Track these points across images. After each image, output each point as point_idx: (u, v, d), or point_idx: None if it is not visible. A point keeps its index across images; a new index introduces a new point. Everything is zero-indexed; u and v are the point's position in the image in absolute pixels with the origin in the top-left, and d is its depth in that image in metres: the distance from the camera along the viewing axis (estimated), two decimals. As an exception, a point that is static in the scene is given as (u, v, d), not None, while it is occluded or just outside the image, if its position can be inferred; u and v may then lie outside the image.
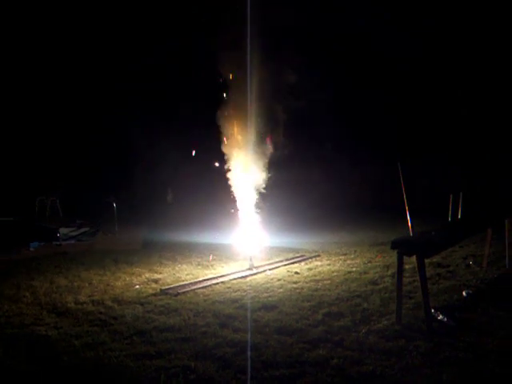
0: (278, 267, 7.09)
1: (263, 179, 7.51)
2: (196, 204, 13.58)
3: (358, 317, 4.50)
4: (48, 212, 11.87)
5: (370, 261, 7.30)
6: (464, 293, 5.14)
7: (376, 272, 6.42)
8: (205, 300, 5.33)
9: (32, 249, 8.99)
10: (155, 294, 5.66)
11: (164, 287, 5.93)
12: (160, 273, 6.90)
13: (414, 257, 4.33)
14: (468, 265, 6.53)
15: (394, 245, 4.40)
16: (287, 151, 7.87)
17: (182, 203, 14.67)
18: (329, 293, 5.44)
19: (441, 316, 4.34)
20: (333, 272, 6.61)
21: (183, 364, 3.55)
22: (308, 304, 4.99)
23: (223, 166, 7.63)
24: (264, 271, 6.81)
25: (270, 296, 5.41)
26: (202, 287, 5.90)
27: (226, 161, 7.52)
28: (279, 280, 6.22)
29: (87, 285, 6.23)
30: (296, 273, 6.65)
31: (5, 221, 9.77)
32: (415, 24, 14.39)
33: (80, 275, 6.80)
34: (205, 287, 5.90)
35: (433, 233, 4.81)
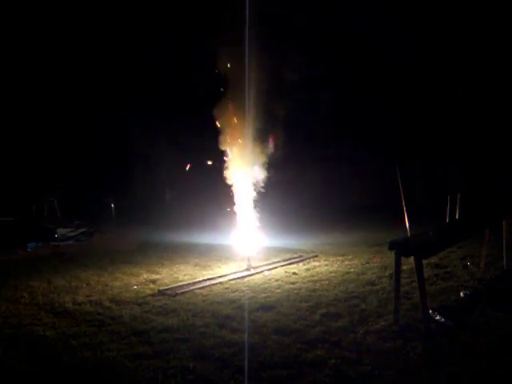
0: (276, 268, 7.09)
1: (262, 179, 7.51)
2: (194, 204, 13.58)
3: (356, 317, 4.50)
4: (46, 212, 11.86)
5: (368, 261, 7.30)
6: (462, 293, 5.14)
7: (374, 273, 6.42)
8: (203, 300, 5.33)
9: (29, 249, 8.98)
10: (153, 295, 5.66)
11: (162, 288, 5.92)
12: (158, 273, 6.90)
13: (412, 258, 4.33)
14: (466, 266, 6.53)
15: (392, 245, 4.40)
16: (286, 151, 7.87)
17: (181, 203, 14.67)
18: (327, 293, 5.44)
19: (438, 316, 4.34)
20: (331, 273, 6.62)
21: (181, 364, 3.55)
22: (306, 304, 4.99)
23: (221, 166, 7.62)
24: (262, 272, 6.81)
25: (268, 296, 5.41)
26: (201, 288, 5.89)
27: (224, 160, 7.52)
28: (277, 280, 6.22)
29: (85, 285, 6.22)
30: (294, 273, 6.65)
31: (3, 221, 9.76)
32: (415, 24, 14.38)
33: (78, 275, 6.80)
34: (203, 288, 5.90)
35: (430, 233, 4.81)
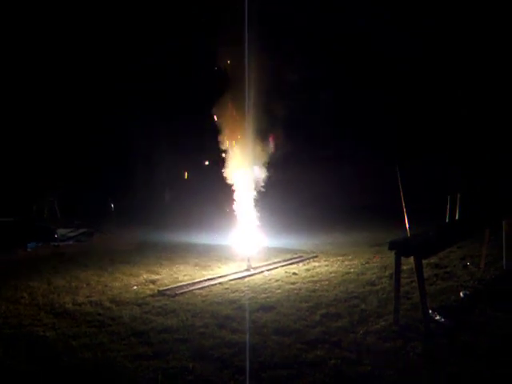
0: (276, 268, 7.08)
1: (262, 178, 7.51)
2: (193, 204, 13.58)
3: (356, 318, 4.49)
4: (46, 213, 11.86)
5: (368, 262, 7.29)
6: (461, 293, 5.14)
7: (374, 273, 6.42)
8: (203, 301, 5.32)
9: (30, 249, 8.99)
10: (153, 295, 5.66)
11: (162, 288, 5.92)
12: (158, 274, 6.90)
13: (412, 258, 4.33)
14: (465, 266, 6.53)
15: (392, 245, 4.40)
16: (287, 151, 7.87)
17: (180, 203, 14.67)
18: (327, 294, 5.44)
19: (438, 316, 4.34)
20: (330, 273, 6.61)
21: (181, 365, 3.55)
22: (306, 305, 4.99)
23: (221, 166, 7.62)
24: (262, 272, 6.80)
25: (268, 297, 5.41)
26: (200, 288, 5.89)
27: (224, 160, 7.52)
28: (277, 281, 6.22)
29: (85, 285, 6.23)
30: (294, 273, 6.65)
31: (3, 221, 9.77)
32: (415, 24, 14.38)
33: (78, 276, 6.80)
34: (203, 288, 5.90)
35: (430, 233, 4.81)
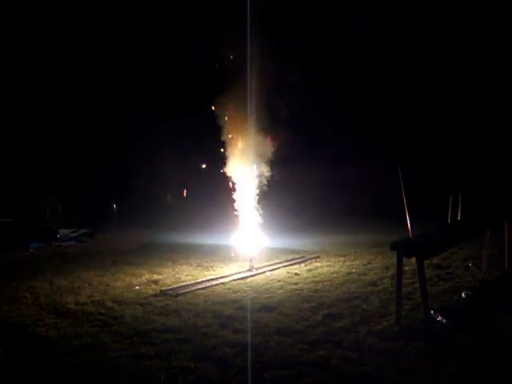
0: (278, 268, 7.10)
1: (264, 179, 7.52)
2: (196, 205, 13.59)
3: (358, 318, 4.50)
4: (48, 213, 11.88)
5: (370, 262, 7.30)
6: (463, 294, 5.13)
7: (375, 273, 6.42)
8: (205, 301, 5.34)
9: (32, 249, 9.02)
10: (155, 295, 5.68)
11: (164, 288, 5.94)
12: (160, 274, 6.92)
13: (414, 258, 4.34)
14: (467, 266, 6.52)
15: (394, 246, 4.41)
16: (287, 151, 7.87)
17: (182, 204, 14.68)
18: (328, 294, 5.45)
19: (440, 317, 4.34)
20: (332, 273, 6.62)
21: (183, 365, 3.55)
22: (308, 305, 5.00)
23: (222, 167, 7.63)
24: (264, 272, 6.82)
25: (270, 297, 5.42)
26: (202, 288, 5.90)
27: (225, 160, 7.52)
28: (279, 281, 6.23)
29: (87, 285, 6.24)
30: (296, 274, 6.66)
31: (5, 221, 9.79)
32: (415, 24, 14.38)
33: (80, 276, 6.82)
34: (205, 288, 5.91)
35: (432, 234, 4.81)
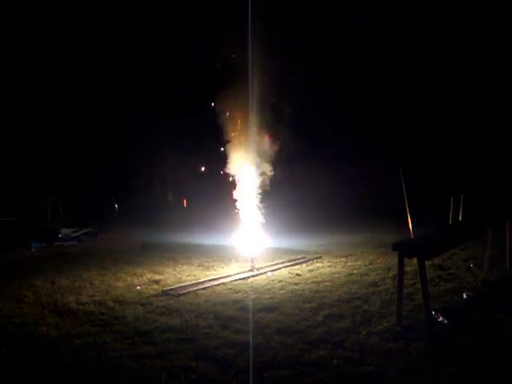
0: (280, 269, 7.11)
1: (266, 179, 7.52)
2: (197, 205, 13.60)
3: (359, 318, 4.51)
4: (49, 213, 11.89)
5: (371, 263, 7.30)
6: (464, 295, 5.14)
7: (377, 274, 6.43)
8: (206, 301, 5.34)
9: (33, 249, 9.03)
10: (156, 295, 5.69)
11: (165, 288, 5.95)
12: (161, 274, 6.93)
13: (415, 259, 4.34)
14: (469, 267, 6.53)
15: (395, 246, 4.41)
16: (289, 151, 7.87)
17: (184, 204, 14.69)
18: (330, 294, 5.46)
19: (441, 318, 4.35)
20: (334, 274, 6.63)
21: (184, 364, 3.56)
22: (309, 305, 5.00)
23: (222, 166, 7.63)
24: (265, 273, 6.82)
25: (271, 297, 5.42)
26: (203, 288, 5.91)
27: (227, 161, 7.53)
28: (280, 281, 6.24)
29: (88, 285, 6.25)
30: (297, 274, 6.66)
31: (7, 221, 9.80)
32: (415, 24, 14.38)
33: (81, 275, 6.84)
34: (206, 288, 5.92)
35: (433, 235, 4.82)
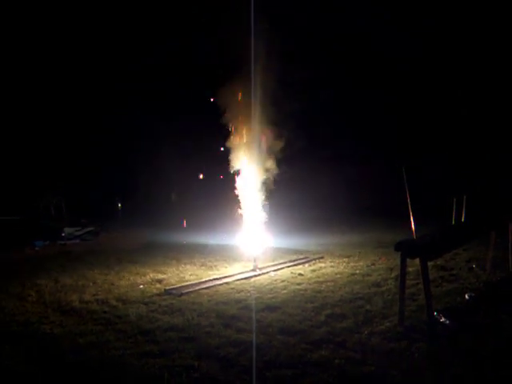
0: (282, 268, 7.12)
1: (268, 179, 7.54)
2: (200, 205, 13.60)
3: (361, 318, 4.51)
4: (53, 212, 11.92)
5: (374, 263, 7.31)
6: (467, 296, 5.14)
7: (379, 274, 6.43)
8: (208, 300, 5.36)
9: (37, 248, 9.06)
10: (159, 294, 5.70)
11: (168, 287, 5.96)
12: (164, 273, 6.95)
13: (418, 259, 4.34)
14: (471, 268, 6.52)
15: (398, 247, 4.41)
16: (287, 151, 7.88)
17: (186, 204, 14.70)
18: (332, 294, 5.46)
19: (443, 318, 4.35)
20: (336, 274, 6.63)
21: (187, 363, 3.58)
22: (311, 305, 5.01)
23: (223, 166, 7.65)
24: (268, 272, 6.83)
25: (274, 297, 5.43)
26: (206, 288, 5.92)
27: (230, 162, 7.55)
28: (283, 281, 6.25)
29: (91, 284, 6.28)
30: (300, 274, 6.67)
31: (10, 220, 9.84)
32: (415, 24, 14.39)
33: (84, 274, 6.86)
34: (208, 288, 5.93)
35: (436, 235, 4.82)
